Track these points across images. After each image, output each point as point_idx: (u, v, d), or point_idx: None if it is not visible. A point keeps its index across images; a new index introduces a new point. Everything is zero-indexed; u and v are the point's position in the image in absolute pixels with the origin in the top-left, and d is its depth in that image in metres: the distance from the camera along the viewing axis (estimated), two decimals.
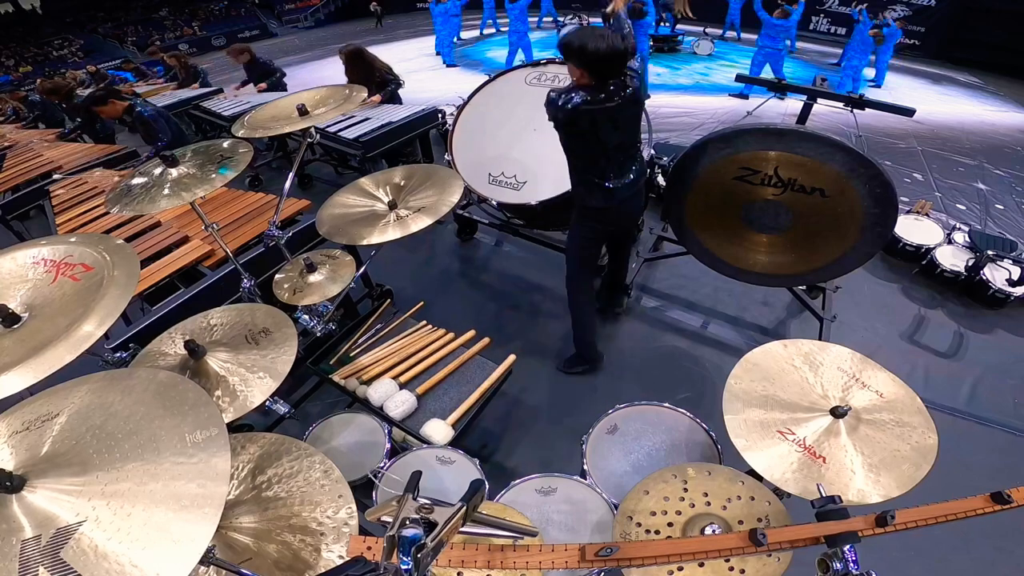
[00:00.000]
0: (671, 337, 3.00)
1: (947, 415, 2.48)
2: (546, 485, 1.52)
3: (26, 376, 0.94)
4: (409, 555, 0.66)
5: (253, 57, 5.41)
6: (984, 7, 9.68)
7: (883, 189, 2.08)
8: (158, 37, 18.05)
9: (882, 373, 1.24)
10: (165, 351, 1.56)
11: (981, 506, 0.88)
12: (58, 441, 0.82)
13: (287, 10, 19.63)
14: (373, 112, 4.18)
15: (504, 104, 3.17)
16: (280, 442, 1.30)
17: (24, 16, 19.18)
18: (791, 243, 2.41)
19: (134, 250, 1.22)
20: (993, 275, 3.08)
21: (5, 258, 1.20)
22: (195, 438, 0.81)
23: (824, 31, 11.83)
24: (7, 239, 3.79)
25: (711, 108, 6.89)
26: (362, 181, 2.12)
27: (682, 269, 3.41)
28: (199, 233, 2.50)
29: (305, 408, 2.49)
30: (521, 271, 3.59)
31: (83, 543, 0.69)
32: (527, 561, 0.90)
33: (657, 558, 0.90)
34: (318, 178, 5.15)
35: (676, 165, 2.47)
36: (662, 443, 1.64)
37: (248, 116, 2.08)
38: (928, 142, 5.84)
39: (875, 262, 3.48)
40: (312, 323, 2.02)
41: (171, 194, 1.64)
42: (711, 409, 1.46)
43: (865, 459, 1.08)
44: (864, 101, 2.71)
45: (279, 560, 1.09)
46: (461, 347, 2.19)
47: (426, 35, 12.73)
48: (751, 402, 1.19)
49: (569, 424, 2.44)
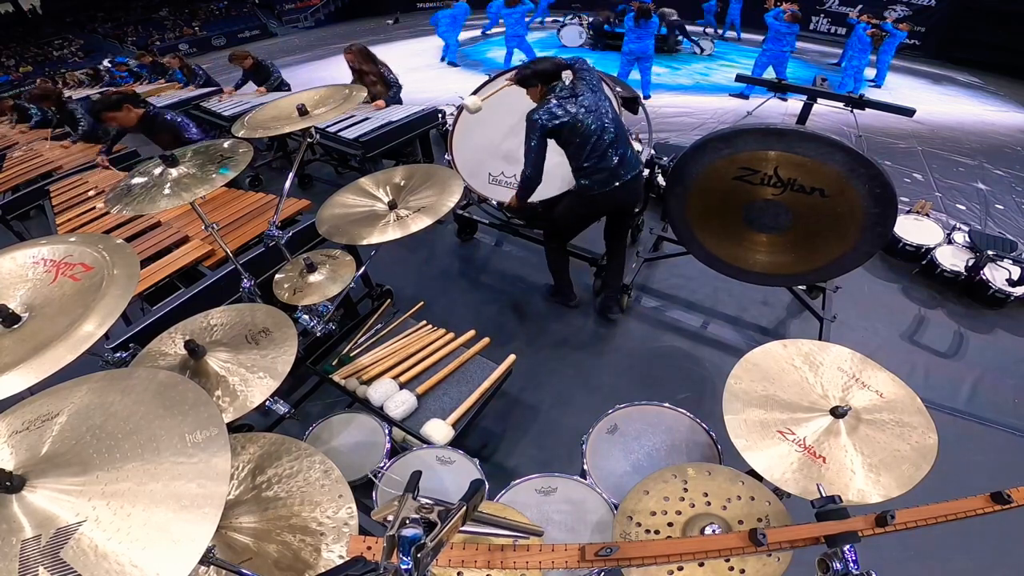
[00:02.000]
0: (671, 337, 3.00)
1: (947, 415, 2.48)
2: (546, 485, 1.51)
3: (26, 376, 0.94)
4: (409, 555, 0.66)
5: (256, 62, 5.41)
6: (984, 7, 9.68)
7: (883, 189, 2.08)
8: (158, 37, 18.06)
9: (882, 373, 1.24)
10: (165, 351, 1.56)
11: (981, 506, 0.88)
12: (58, 441, 0.82)
13: (287, 10, 19.62)
14: (373, 112, 4.18)
15: (504, 104, 3.17)
16: (280, 442, 1.30)
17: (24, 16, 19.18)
18: (791, 243, 2.41)
19: (134, 250, 1.22)
20: (993, 275, 3.08)
21: (5, 258, 1.20)
22: (195, 438, 0.81)
23: (824, 31, 11.84)
24: (7, 239, 3.80)
25: (711, 108, 6.89)
26: (362, 181, 2.12)
27: (682, 269, 3.41)
28: (199, 233, 2.50)
29: (305, 408, 2.49)
30: (521, 271, 3.59)
31: (83, 543, 0.69)
32: (527, 561, 0.90)
33: (657, 558, 0.90)
34: (318, 178, 5.15)
35: (676, 165, 2.47)
36: (662, 443, 1.64)
37: (248, 116, 2.08)
38: (928, 142, 5.85)
39: (875, 262, 3.48)
40: (312, 323, 2.02)
41: (171, 194, 1.64)
42: (711, 409, 1.46)
43: (865, 459, 1.08)
44: (864, 101, 2.72)
45: (279, 560, 1.09)
46: (461, 347, 2.19)
47: (426, 35, 12.75)
48: (751, 402, 1.19)
49: (569, 424, 2.44)
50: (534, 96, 2.42)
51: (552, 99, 2.32)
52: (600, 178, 2.42)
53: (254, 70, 5.45)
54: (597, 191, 2.46)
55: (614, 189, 2.46)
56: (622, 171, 2.44)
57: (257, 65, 5.42)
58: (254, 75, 5.50)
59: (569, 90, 2.34)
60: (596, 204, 2.57)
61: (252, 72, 5.49)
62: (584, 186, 2.46)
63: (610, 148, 2.38)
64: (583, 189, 2.47)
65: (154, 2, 20.40)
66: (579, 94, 2.34)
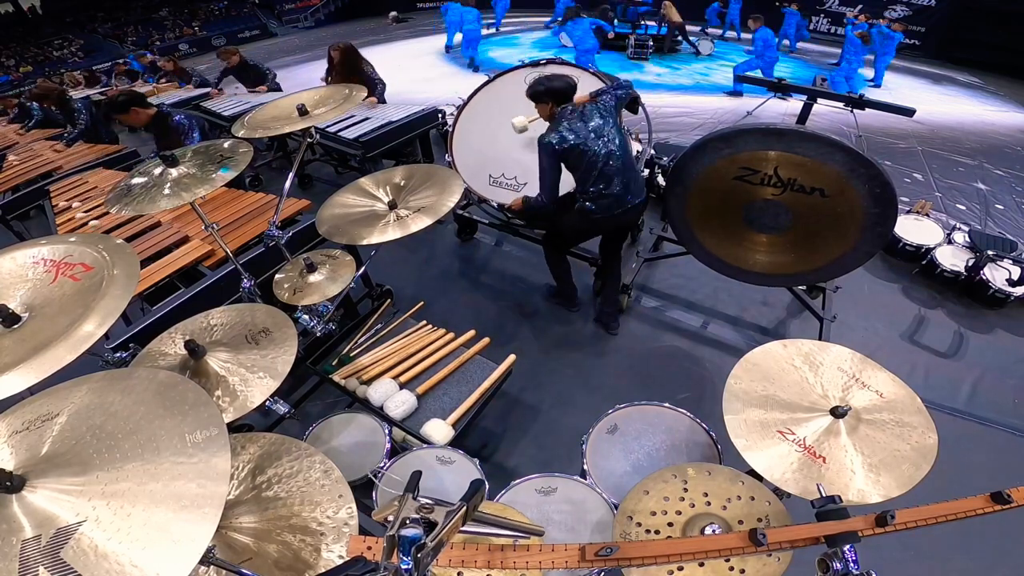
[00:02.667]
0: (671, 337, 3.00)
1: (947, 415, 2.48)
2: (546, 485, 1.52)
3: (26, 376, 0.94)
4: (409, 555, 0.66)
5: (242, 60, 5.38)
6: (984, 7, 9.67)
7: (883, 189, 2.08)
8: (158, 37, 18.05)
9: (882, 373, 1.24)
10: (165, 351, 1.56)
11: (981, 506, 0.88)
12: (58, 441, 0.82)
13: (287, 10, 19.59)
14: (373, 112, 4.18)
15: (504, 104, 3.17)
16: (280, 442, 1.30)
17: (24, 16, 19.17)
18: (791, 243, 2.41)
19: (134, 250, 1.22)
20: (993, 275, 3.08)
21: (5, 258, 1.20)
22: (195, 438, 0.81)
23: (824, 31, 11.84)
24: (7, 239, 3.80)
25: (711, 108, 6.89)
26: (362, 181, 2.12)
27: (682, 269, 3.41)
28: (199, 233, 2.50)
29: (305, 408, 2.49)
30: (521, 271, 3.59)
31: (83, 543, 0.69)
32: (527, 561, 0.90)
33: (657, 558, 0.90)
34: (318, 178, 5.15)
35: (676, 165, 2.47)
36: (662, 443, 1.64)
37: (248, 116, 2.07)
38: (928, 142, 5.84)
39: (875, 262, 3.48)
40: (312, 323, 2.02)
41: (171, 194, 1.64)
42: (711, 409, 1.46)
43: (865, 459, 1.08)
44: (864, 101, 2.72)
45: (279, 560, 1.09)
46: (461, 347, 2.19)
47: (426, 35, 12.75)
48: (751, 402, 1.19)
49: (569, 424, 2.44)
50: (543, 113, 2.42)
51: (563, 122, 2.32)
52: (604, 203, 2.42)
53: (240, 68, 5.41)
54: (600, 215, 2.46)
55: (617, 215, 2.47)
56: (627, 197, 2.44)
57: (244, 64, 5.38)
58: (237, 72, 5.46)
59: (579, 113, 2.34)
60: (598, 224, 2.57)
61: (236, 69, 5.44)
62: (588, 209, 2.45)
63: (617, 175, 2.37)
64: (587, 211, 2.46)
65: (154, 2, 20.37)
66: (588, 118, 2.33)
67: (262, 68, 5.45)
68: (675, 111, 6.73)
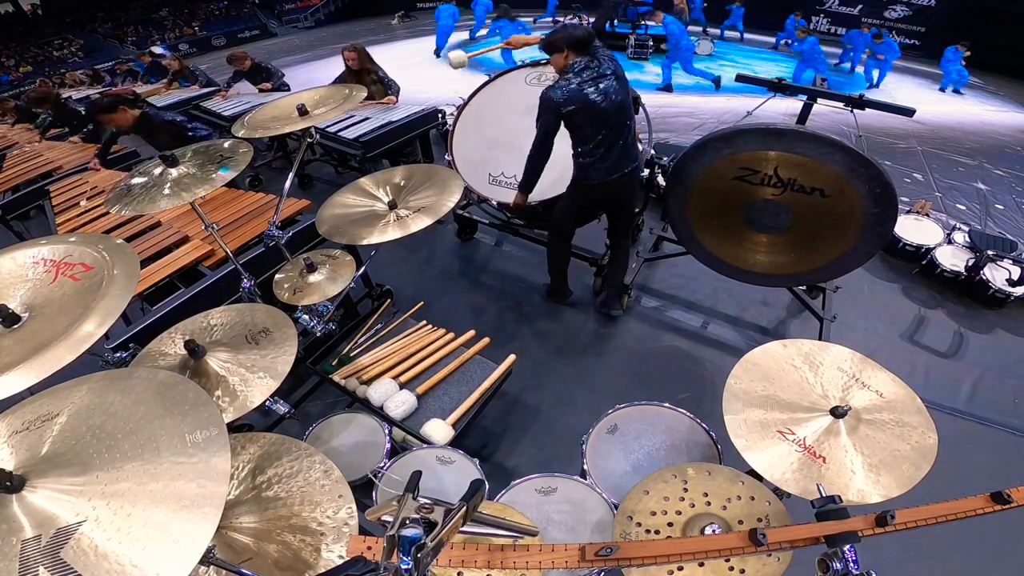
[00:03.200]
0: (671, 337, 3.00)
1: (947, 415, 2.48)
2: (546, 485, 1.51)
3: (26, 376, 0.94)
4: (409, 555, 0.66)
5: (254, 63, 5.42)
6: (984, 7, 9.68)
7: (883, 189, 2.08)
8: (158, 37, 18.05)
9: (882, 373, 1.24)
10: (165, 351, 1.56)
11: (981, 506, 0.88)
12: (58, 441, 0.82)
13: (287, 10, 19.60)
14: (373, 112, 4.18)
15: (504, 104, 3.17)
16: (280, 442, 1.30)
17: (24, 16, 19.17)
18: (791, 243, 2.41)
19: (134, 250, 1.22)
20: (993, 275, 3.08)
21: (5, 258, 1.20)
22: (195, 438, 0.81)
23: (824, 31, 11.84)
24: (7, 239, 3.80)
25: (711, 108, 6.89)
26: (362, 181, 2.12)
27: (682, 269, 3.41)
28: (199, 233, 2.50)
29: (305, 408, 2.48)
30: (521, 271, 3.59)
31: (83, 543, 0.69)
32: (527, 561, 0.90)
33: (657, 558, 0.90)
34: (318, 178, 5.15)
35: (676, 165, 2.47)
36: (662, 443, 1.64)
37: (248, 116, 2.07)
38: (928, 142, 5.85)
39: (875, 262, 3.48)
40: (312, 323, 2.02)
41: (171, 194, 1.64)
42: (711, 409, 1.46)
43: (865, 459, 1.08)
44: (864, 101, 2.71)
45: (279, 560, 1.09)
46: (461, 347, 2.19)
47: (425, 35, 12.74)
48: (751, 402, 1.19)
49: (569, 424, 2.44)
50: (556, 63, 2.27)
51: (572, 77, 2.18)
52: (603, 167, 2.40)
53: (252, 71, 5.45)
54: (595, 180, 2.44)
55: (612, 180, 2.46)
56: (623, 162, 2.44)
57: (256, 67, 5.42)
58: (250, 75, 5.49)
59: (593, 70, 2.19)
60: (594, 192, 2.54)
61: (249, 73, 5.48)
62: (584, 173, 2.43)
63: (620, 140, 2.36)
64: (582, 176, 2.45)
65: (154, 2, 20.38)
66: (602, 77, 2.20)
67: (273, 70, 5.48)
68: (675, 111, 6.74)
